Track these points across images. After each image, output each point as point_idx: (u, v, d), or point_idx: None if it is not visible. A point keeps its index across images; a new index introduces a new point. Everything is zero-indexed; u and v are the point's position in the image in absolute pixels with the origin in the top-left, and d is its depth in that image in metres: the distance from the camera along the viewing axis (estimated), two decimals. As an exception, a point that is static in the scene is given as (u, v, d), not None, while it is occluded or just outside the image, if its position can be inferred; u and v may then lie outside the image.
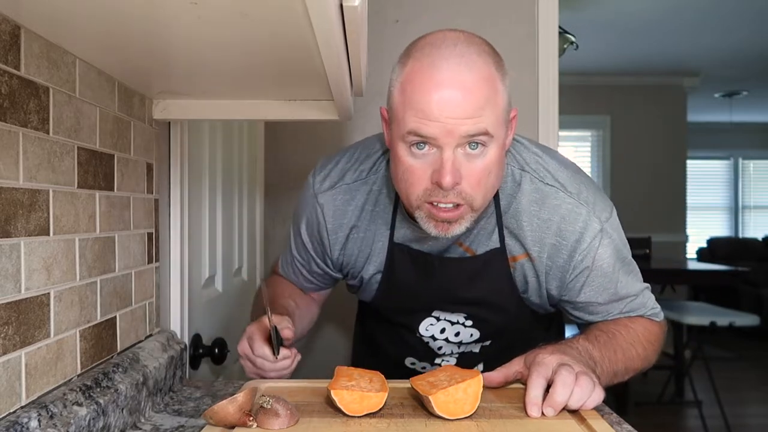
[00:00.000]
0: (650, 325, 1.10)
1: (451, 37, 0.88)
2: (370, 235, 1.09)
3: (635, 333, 1.05)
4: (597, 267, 1.01)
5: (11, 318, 0.65)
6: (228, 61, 0.80)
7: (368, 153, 1.11)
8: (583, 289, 1.03)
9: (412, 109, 0.86)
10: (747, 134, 7.64)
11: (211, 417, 0.79)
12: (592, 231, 0.99)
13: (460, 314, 1.12)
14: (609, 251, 1.01)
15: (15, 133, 0.65)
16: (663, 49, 4.77)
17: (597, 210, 1.00)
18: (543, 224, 1.00)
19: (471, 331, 1.14)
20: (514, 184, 1.01)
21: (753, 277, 5.75)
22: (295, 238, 1.19)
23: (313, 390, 0.95)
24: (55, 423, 0.67)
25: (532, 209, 1.00)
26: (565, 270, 1.01)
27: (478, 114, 0.84)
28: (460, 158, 0.86)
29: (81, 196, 0.80)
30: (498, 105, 0.87)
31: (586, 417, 0.83)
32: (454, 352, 1.18)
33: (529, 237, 1.00)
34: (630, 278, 1.06)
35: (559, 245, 1.00)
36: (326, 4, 0.51)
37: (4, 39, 0.63)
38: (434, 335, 1.15)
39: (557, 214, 0.99)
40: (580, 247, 0.99)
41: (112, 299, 0.90)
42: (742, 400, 4.21)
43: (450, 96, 0.83)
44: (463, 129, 0.84)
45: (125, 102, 0.94)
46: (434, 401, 0.82)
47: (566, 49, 2.39)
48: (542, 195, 1.00)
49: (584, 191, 1.01)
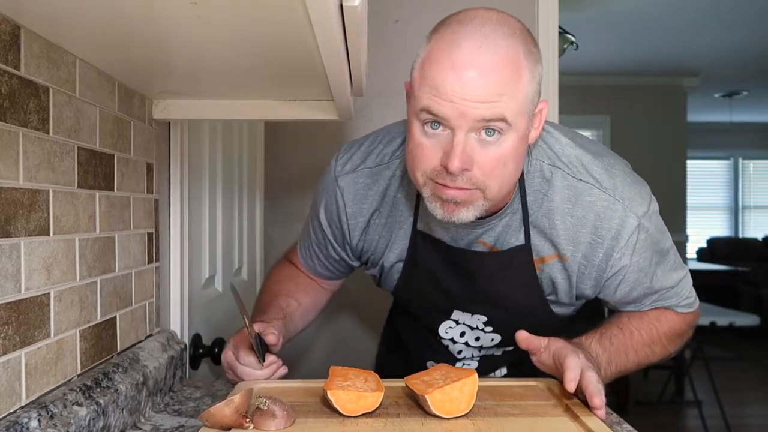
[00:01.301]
0: (676, 321, 1.07)
1: (481, 15, 0.83)
2: (392, 221, 1.05)
3: (657, 332, 1.04)
4: (634, 263, 0.98)
5: (11, 318, 0.65)
6: (228, 61, 0.80)
7: (392, 137, 1.07)
8: (619, 286, 1.00)
9: (427, 86, 0.82)
10: (747, 134, 7.64)
11: (207, 419, 0.78)
12: (630, 228, 0.95)
13: (479, 317, 1.09)
14: (647, 246, 0.98)
15: (15, 133, 0.65)
16: (663, 49, 4.77)
17: (634, 205, 0.96)
18: (577, 222, 0.96)
19: (491, 336, 1.11)
20: (543, 180, 0.96)
21: (753, 277, 5.76)
22: (312, 223, 1.15)
23: (309, 390, 0.95)
24: (55, 423, 0.67)
25: (565, 207, 0.96)
26: (602, 269, 0.98)
27: (495, 99, 0.80)
28: (473, 143, 0.82)
29: (81, 196, 0.80)
30: (520, 92, 0.82)
31: (579, 414, 0.84)
32: (475, 355, 1.16)
33: (562, 236, 0.96)
34: (667, 270, 1.03)
35: (595, 243, 0.96)
36: (326, 4, 0.51)
37: (4, 39, 0.63)
38: (453, 338, 1.13)
39: (592, 211, 0.95)
40: (618, 245, 0.95)
41: (112, 299, 0.90)
42: (742, 400, 4.21)
43: (466, 76, 0.79)
44: (477, 113, 0.80)
45: (125, 102, 0.94)
46: (430, 400, 0.82)
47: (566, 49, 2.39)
48: (576, 192, 0.95)
49: (620, 185, 0.96)
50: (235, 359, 0.98)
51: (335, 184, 1.07)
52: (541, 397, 0.94)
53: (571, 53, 2.46)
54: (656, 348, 1.04)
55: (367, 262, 1.13)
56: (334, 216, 1.09)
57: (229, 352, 0.99)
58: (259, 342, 0.95)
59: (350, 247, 1.11)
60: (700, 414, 3.60)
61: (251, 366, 0.96)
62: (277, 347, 0.99)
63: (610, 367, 0.98)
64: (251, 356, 0.96)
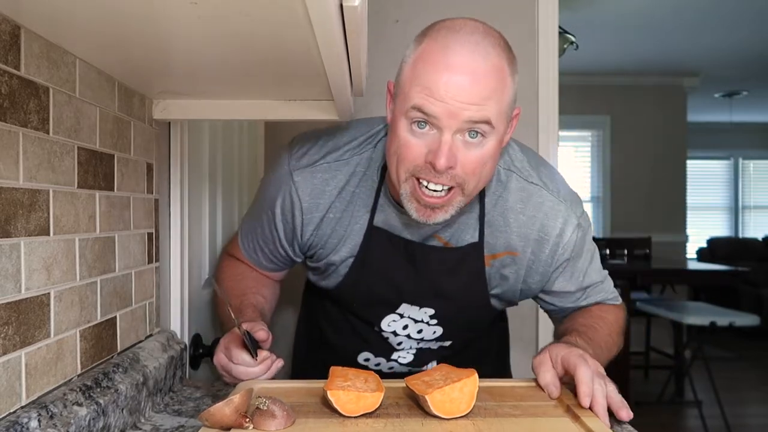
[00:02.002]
0: (618, 313, 1.16)
1: (470, 25, 0.89)
2: (347, 216, 1.06)
3: (609, 324, 1.11)
4: (573, 258, 1.08)
5: (11, 318, 0.65)
6: (228, 61, 0.80)
7: (353, 135, 1.08)
8: (558, 279, 1.10)
9: (419, 85, 0.86)
10: (747, 134, 7.64)
11: (207, 419, 0.79)
12: (571, 226, 1.05)
13: (426, 310, 1.11)
14: (583, 243, 1.08)
15: (15, 133, 0.65)
16: (663, 49, 4.77)
17: (573, 206, 1.07)
18: (528, 221, 1.04)
19: (434, 329, 1.14)
20: (499, 183, 1.05)
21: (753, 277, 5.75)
22: (260, 217, 1.13)
23: (309, 390, 0.95)
24: (55, 423, 0.67)
25: (518, 207, 1.05)
26: (548, 264, 1.07)
27: (483, 102, 0.86)
28: (458, 144, 0.88)
29: (81, 196, 0.80)
30: (504, 98, 0.89)
31: (579, 414, 0.84)
32: (413, 347, 1.18)
33: (515, 233, 1.05)
34: (596, 268, 1.13)
35: (541, 240, 1.05)
36: (326, 4, 0.51)
37: (4, 39, 0.63)
38: (396, 331, 1.15)
39: (541, 211, 1.04)
40: (562, 241, 1.05)
41: (112, 299, 0.90)
42: (742, 400, 4.21)
43: (459, 79, 0.85)
44: (467, 114, 0.85)
45: (125, 102, 0.94)
46: (430, 400, 0.82)
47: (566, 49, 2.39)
48: (528, 193, 1.05)
49: (562, 189, 1.07)
50: (228, 360, 0.96)
51: (290, 178, 1.06)
52: (542, 397, 0.94)
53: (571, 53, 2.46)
54: (615, 338, 1.11)
55: (313, 257, 1.12)
56: (287, 211, 1.08)
57: (220, 354, 0.98)
58: (249, 338, 0.94)
59: (298, 243, 1.11)
60: (700, 414, 3.60)
61: (246, 364, 0.95)
62: (267, 343, 0.98)
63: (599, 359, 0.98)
64: (244, 353, 0.95)
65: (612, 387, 0.88)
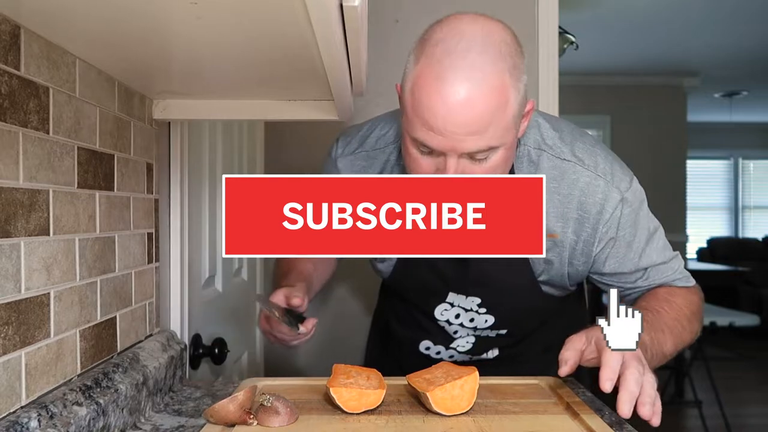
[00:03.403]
0: (690, 295, 1.08)
1: (467, 35, 0.86)
2: None
3: (678, 308, 1.04)
4: (620, 237, 1.02)
5: (11, 318, 0.65)
6: (228, 61, 0.80)
7: (388, 125, 1.14)
8: (607, 260, 1.04)
9: (418, 117, 0.87)
10: (747, 134, 7.64)
11: (212, 415, 0.79)
12: (613, 201, 1.00)
13: (473, 299, 1.12)
14: (631, 221, 1.02)
15: (15, 133, 0.65)
16: (663, 49, 4.77)
17: (615, 180, 1.01)
18: (564, 200, 1.01)
19: (485, 317, 1.14)
20: (530, 163, 1.02)
21: (753, 277, 5.76)
22: None
23: (312, 387, 0.95)
24: (55, 423, 0.67)
25: (551, 186, 1.01)
26: (590, 243, 1.02)
27: (483, 130, 0.85)
28: (465, 163, 0.89)
29: (81, 196, 0.80)
30: (507, 113, 0.87)
31: (579, 412, 0.85)
32: (470, 334, 1.18)
33: (551, 214, 1.01)
34: (655, 246, 1.06)
35: (581, 219, 1.01)
36: (326, 4, 0.51)
37: (4, 39, 0.63)
38: (449, 320, 1.16)
39: (576, 188, 1.00)
40: (603, 218, 1.00)
41: (112, 299, 0.90)
42: (742, 400, 4.21)
43: (455, 111, 0.84)
44: (465, 146, 0.86)
45: (125, 102, 0.94)
46: (431, 397, 0.82)
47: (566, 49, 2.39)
48: (561, 171, 1.01)
49: (601, 163, 1.02)
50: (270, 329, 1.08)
51: (335, 165, 1.15)
52: (542, 395, 0.94)
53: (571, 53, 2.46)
54: (684, 323, 1.03)
55: None
56: None
57: (263, 321, 1.10)
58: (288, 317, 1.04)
59: None
60: (700, 414, 3.60)
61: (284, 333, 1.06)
62: (303, 307, 1.06)
63: (653, 346, 0.95)
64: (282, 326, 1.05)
65: (650, 378, 0.81)
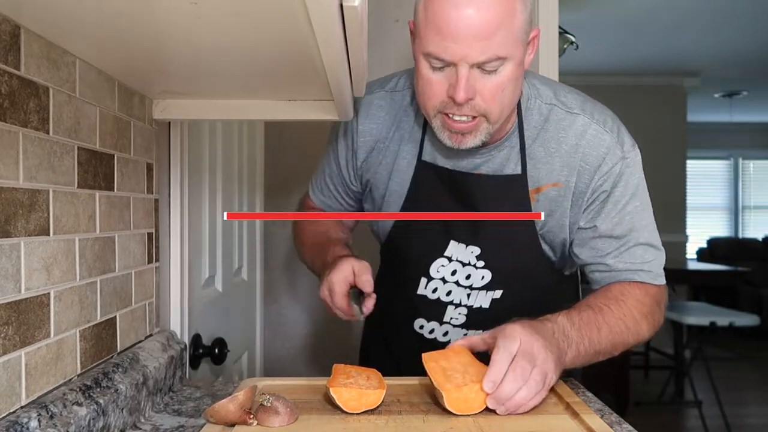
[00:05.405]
0: (643, 297, 1.07)
1: None
2: (394, 148, 1.13)
3: (627, 308, 1.04)
4: (614, 193, 1.05)
5: (11, 318, 0.65)
6: (228, 61, 0.80)
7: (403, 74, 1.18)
8: (600, 216, 1.06)
9: (432, 25, 0.91)
10: (747, 134, 7.64)
11: (212, 415, 0.79)
12: (614, 157, 1.03)
13: (472, 249, 1.11)
14: (628, 183, 1.05)
15: (15, 133, 0.65)
16: (663, 49, 4.77)
17: (621, 139, 1.05)
18: (570, 149, 1.04)
19: (482, 272, 1.13)
20: (540, 116, 1.06)
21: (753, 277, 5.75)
22: (328, 155, 1.24)
23: (312, 387, 0.96)
24: (55, 423, 0.67)
25: (560, 136, 1.05)
26: (583, 193, 1.05)
27: (491, 34, 0.89)
28: (475, 75, 0.92)
29: (81, 196, 0.80)
30: (514, 26, 0.91)
31: (579, 412, 0.85)
32: (463, 302, 1.16)
33: (557, 162, 1.05)
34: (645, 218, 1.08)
35: (582, 169, 1.04)
36: (326, 4, 0.51)
37: (4, 39, 0.63)
38: (444, 277, 1.15)
39: (584, 138, 1.04)
40: (601, 170, 1.03)
41: (112, 299, 0.90)
42: (742, 400, 4.21)
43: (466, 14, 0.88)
44: (475, 54, 0.90)
45: (125, 102, 0.94)
46: (446, 397, 0.83)
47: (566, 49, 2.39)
48: (569, 122, 1.05)
49: (609, 121, 1.06)
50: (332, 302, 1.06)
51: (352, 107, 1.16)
52: (542, 396, 0.94)
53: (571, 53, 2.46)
54: (629, 323, 1.03)
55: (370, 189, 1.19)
56: (348, 134, 1.18)
57: (325, 290, 1.07)
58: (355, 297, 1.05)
59: (354, 168, 1.19)
60: (700, 414, 3.60)
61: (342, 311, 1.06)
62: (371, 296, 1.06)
63: (582, 341, 0.96)
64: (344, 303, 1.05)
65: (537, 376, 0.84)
